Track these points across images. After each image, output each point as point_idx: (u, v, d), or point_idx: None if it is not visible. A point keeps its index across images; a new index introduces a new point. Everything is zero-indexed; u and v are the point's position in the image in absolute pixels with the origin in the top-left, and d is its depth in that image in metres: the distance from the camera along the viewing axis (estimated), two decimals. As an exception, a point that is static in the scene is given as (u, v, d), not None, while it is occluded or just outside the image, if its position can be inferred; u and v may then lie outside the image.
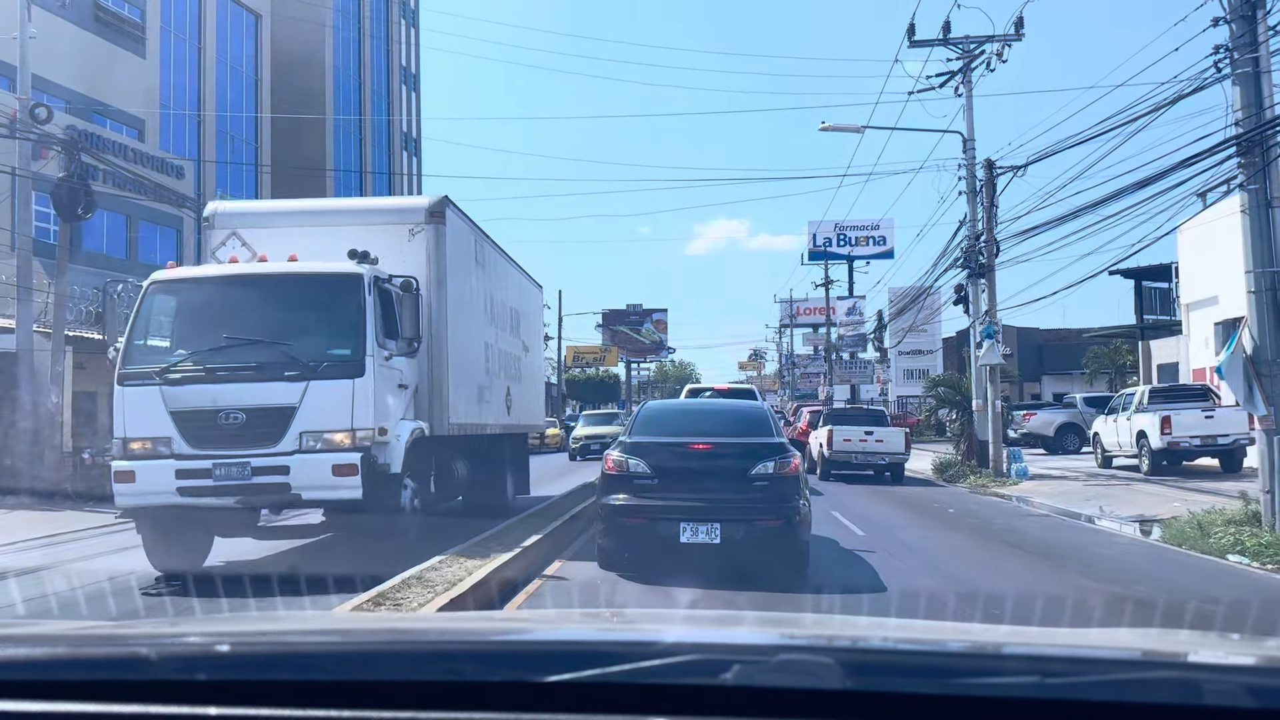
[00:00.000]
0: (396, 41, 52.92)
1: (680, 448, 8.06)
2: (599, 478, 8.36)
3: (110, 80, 29.93)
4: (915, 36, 18.90)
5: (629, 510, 7.71)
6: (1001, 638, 2.17)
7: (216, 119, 38.46)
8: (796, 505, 7.64)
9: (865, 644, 1.77)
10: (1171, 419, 16.98)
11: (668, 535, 7.55)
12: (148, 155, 28.97)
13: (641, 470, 7.80)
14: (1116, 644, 1.91)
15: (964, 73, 18.68)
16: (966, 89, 18.78)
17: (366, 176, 48.42)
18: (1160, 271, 29.58)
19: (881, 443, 19.44)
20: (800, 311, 62.49)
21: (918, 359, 51.62)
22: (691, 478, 7.81)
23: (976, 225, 18.44)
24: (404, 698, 1.35)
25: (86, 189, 15.86)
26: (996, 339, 17.97)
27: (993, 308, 18.37)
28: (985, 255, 18.09)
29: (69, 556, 10.22)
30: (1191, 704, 1.28)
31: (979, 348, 18.43)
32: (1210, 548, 9.13)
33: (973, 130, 18.78)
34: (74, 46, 28.47)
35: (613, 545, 7.99)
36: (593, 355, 73.44)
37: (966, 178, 18.58)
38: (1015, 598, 6.71)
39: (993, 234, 18.05)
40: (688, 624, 2.45)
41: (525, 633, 1.98)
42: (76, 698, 1.38)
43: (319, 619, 3.01)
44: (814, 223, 57.77)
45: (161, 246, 30.57)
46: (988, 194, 18.03)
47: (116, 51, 30.87)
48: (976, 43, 18.51)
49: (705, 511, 7.53)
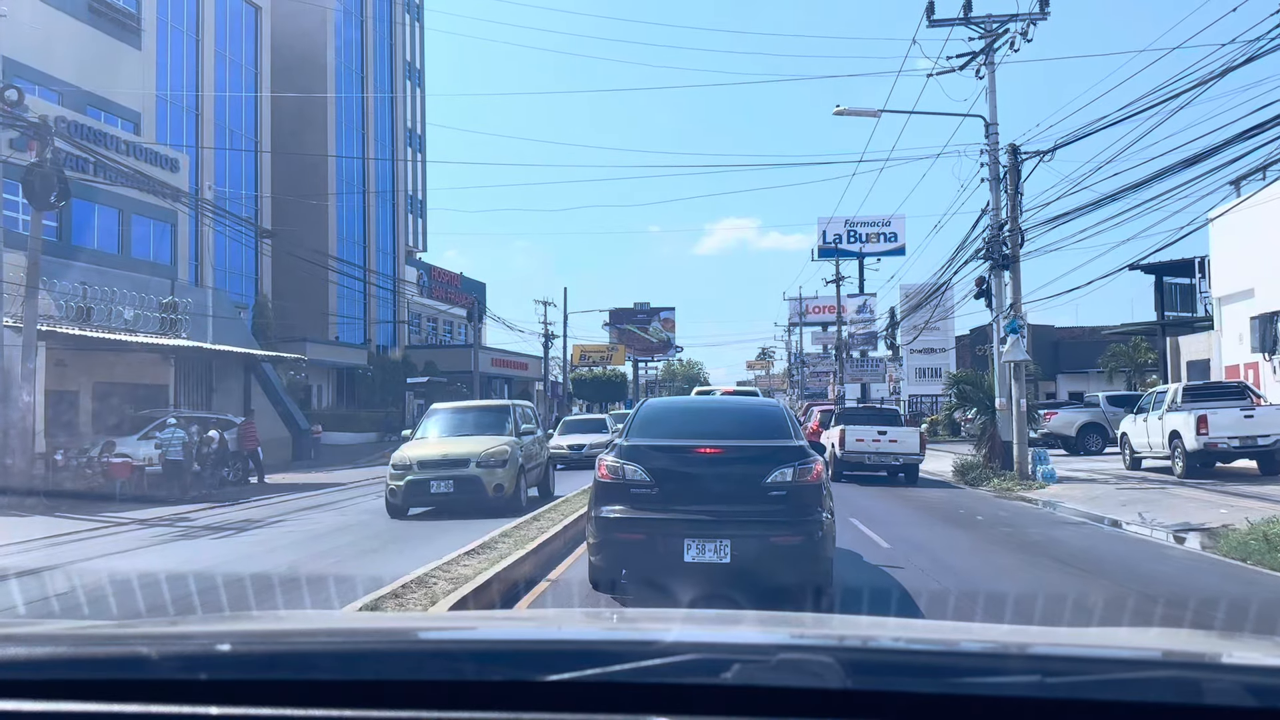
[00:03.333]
0: (400, 36, 52.13)
1: (684, 452, 6.94)
2: (591, 486, 7.25)
3: (105, 73, 29.19)
4: (935, 16, 17.95)
5: (625, 524, 6.64)
6: (1002, 637, 2.12)
7: (215, 112, 37.75)
8: (819, 519, 6.57)
9: (865, 643, 1.76)
10: (1208, 418, 16.03)
11: (669, 553, 6.46)
12: (140, 147, 28.19)
13: (640, 478, 6.70)
14: (1117, 643, 1.89)
15: (986, 53, 17.70)
16: (988, 70, 17.80)
17: (369, 169, 47.63)
18: (1183, 267, 28.58)
19: (896, 443, 18.78)
20: (810, 309, 61.57)
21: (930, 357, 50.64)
22: (697, 486, 6.72)
23: (1000, 214, 17.47)
24: (404, 697, 1.34)
25: (60, 175, 15.00)
26: (1021, 334, 17.00)
27: (1017, 301, 17.39)
28: (1009, 245, 17.11)
29: (24, 564, 9.38)
30: (1192, 703, 1.27)
31: (1002, 343, 17.47)
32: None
33: (995, 114, 17.80)
34: (67, 38, 27.80)
35: (606, 564, 6.92)
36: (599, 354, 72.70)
37: (989, 164, 17.60)
38: None
39: (1017, 223, 17.08)
40: (688, 623, 2.40)
41: (525, 632, 1.97)
42: (77, 697, 1.38)
43: (320, 618, 2.91)
44: (824, 219, 56.90)
45: (155, 242, 29.79)
46: (1012, 181, 17.05)
47: (111, 43, 30.14)
48: (999, 21, 17.55)
49: (713, 526, 6.48)
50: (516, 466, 13.42)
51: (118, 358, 21.80)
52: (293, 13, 43.21)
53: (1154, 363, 37.06)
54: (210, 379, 26.24)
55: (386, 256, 49.47)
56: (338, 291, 42.80)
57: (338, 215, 44.81)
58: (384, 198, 49.61)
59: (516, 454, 13.58)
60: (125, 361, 21.96)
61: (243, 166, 39.75)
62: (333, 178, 44.14)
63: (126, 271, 25.62)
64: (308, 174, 41.71)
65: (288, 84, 40.98)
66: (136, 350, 21.39)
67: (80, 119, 25.50)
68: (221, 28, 38.69)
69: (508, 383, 56.44)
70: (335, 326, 43.16)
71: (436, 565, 7.62)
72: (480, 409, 15.76)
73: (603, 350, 72.91)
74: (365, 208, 47.75)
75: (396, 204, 50.74)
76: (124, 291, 22.59)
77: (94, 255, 25.83)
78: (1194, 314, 30.41)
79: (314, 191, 41.18)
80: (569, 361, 64.06)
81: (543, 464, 15.45)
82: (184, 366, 24.74)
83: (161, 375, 23.76)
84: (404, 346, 49.24)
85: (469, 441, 13.56)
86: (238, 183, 38.61)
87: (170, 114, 35.15)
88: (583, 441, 23.63)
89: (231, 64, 39.27)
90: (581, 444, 23.51)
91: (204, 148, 35.72)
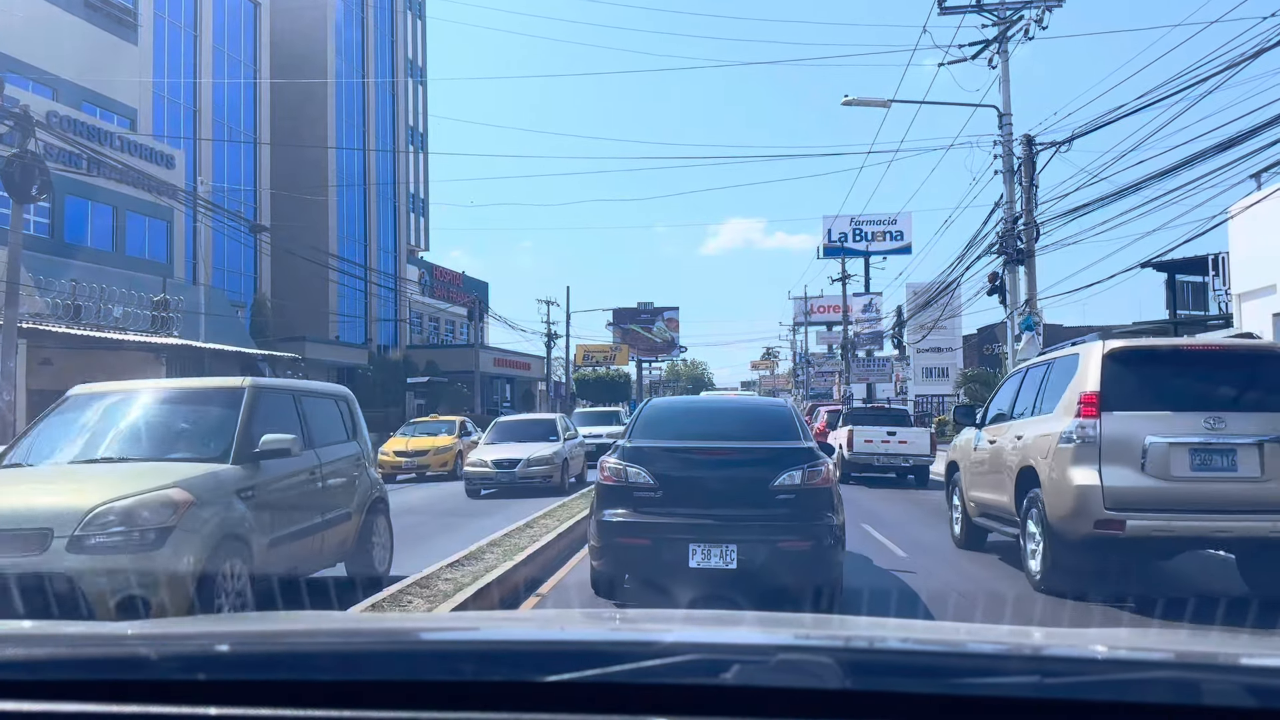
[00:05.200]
0: (402, 33, 51.66)
1: (690, 454, 6.71)
2: (594, 489, 7.08)
3: (101, 68, 28.70)
4: (946, 3, 17.40)
5: (628, 529, 6.43)
6: (1002, 637, 2.07)
7: (214, 109, 37.30)
8: (829, 523, 6.33)
9: (865, 644, 1.74)
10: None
11: (674, 559, 6.25)
12: (135, 143, 27.73)
13: (643, 480, 6.51)
14: (1116, 644, 1.79)
15: (999, 41, 17.14)
16: (1002, 59, 17.25)
17: (370, 165, 47.16)
18: (1196, 264, 27.97)
19: (905, 444, 18.29)
20: (815, 309, 61.02)
21: (937, 357, 50.02)
22: (703, 490, 6.49)
23: (1014, 207, 16.89)
24: (404, 698, 1.34)
25: (42, 167, 14.50)
26: (1037, 331, 16.43)
27: (1032, 297, 16.81)
28: (1024, 240, 16.54)
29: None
30: (1191, 703, 1.27)
31: (1017, 341, 16.91)
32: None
33: (1009, 104, 17.24)
34: (61, 33, 27.36)
35: (609, 569, 6.71)
36: (603, 354, 72.27)
37: (1003, 155, 17.03)
38: None
39: (1032, 216, 16.50)
40: (688, 624, 2.42)
41: (525, 632, 1.95)
42: (76, 698, 1.37)
43: (319, 619, 2.86)
44: (829, 217, 56.42)
45: (151, 239, 29.33)
46: (1026, 172, 16.48)
47: (107, 38, 29.64)
48: (1014, 8, 16.99)
49: (719, 530, 6.26)
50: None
51: (107, 356, 21.32)
52: (292, 10, 42.77)
53: (1166, 362, 36.37)
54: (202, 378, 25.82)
55: (388, 255, 49.01)
56: (338, 291, 42.35)
57: (338, 214, 44.35)
58: (385, 196, 49.13)
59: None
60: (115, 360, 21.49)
61: (242, 164, 39.29)
62: (333, 175, 43.66)
63: (121, 269, 25.18)
64: (308, 172, 41.24)
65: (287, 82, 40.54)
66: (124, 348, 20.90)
67: (73, 114, 25.05)
68: (220, 24, 38.26)
69: (510, 383, 55.94)
70: (336, 326, 42.70)
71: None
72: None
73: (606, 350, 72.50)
74: (366, 206, 47.30)
75: (398, 202, 50.28)
76: (116, 289, 22.12)
77: (88, 253, 25.39)
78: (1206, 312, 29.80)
79: (314, 190, 40.69)
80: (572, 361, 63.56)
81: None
82: (176, 366, 24.26)
83: (153, 374, 23.29)
84: (405, 346, 48.77)
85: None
86: (237, 181, 38.16)
87: (168, 110, 34.72)
88: (518, 455, 16.21)
89: (230, 61, 38.81)
90: (516, 458, 16.15)
91: (202, 139, 35.26)
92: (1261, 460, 6.64)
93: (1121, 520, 6.65)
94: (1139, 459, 6.73)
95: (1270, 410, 6.78)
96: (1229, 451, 6.69)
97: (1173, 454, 6.69)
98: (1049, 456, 7.18)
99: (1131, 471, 6.73)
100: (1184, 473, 6.69)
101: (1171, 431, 6.74)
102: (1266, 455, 6.62)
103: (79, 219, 26.55)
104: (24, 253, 23.24)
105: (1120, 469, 6.74)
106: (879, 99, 17.54)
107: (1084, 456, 6.84)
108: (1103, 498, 6.70)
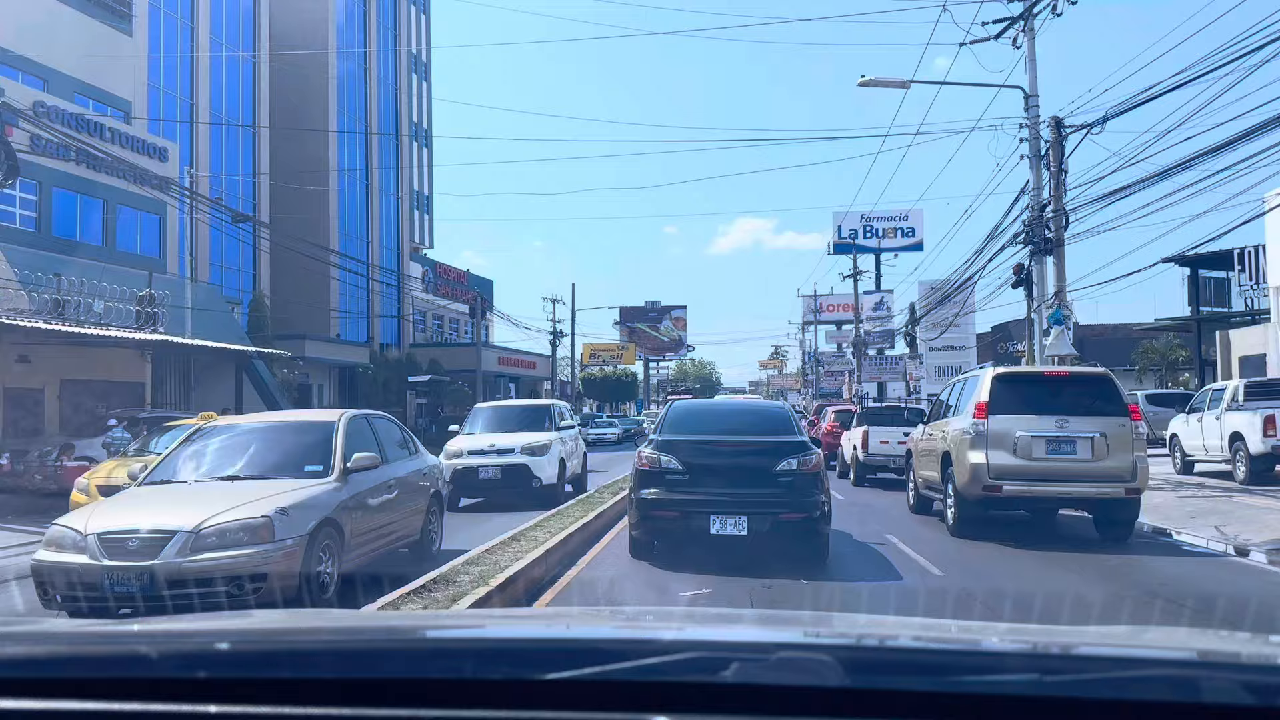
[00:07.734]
0: (405, 27, 50.82)
1: (709, 445, 8.58)
2: (632, 474, 8.81)
3: (93, 59, 27.89)
4: (968, -22, 16.43)
5: (662, 504, 8.26)
6: (1001, 635, 2.07)
7: (211, 102, 36.52)
8: (818, 500, 8.21)
9: (864, 641, 1.74)
10: (1277, 418, 14.44)
11: (698, 527, 8.09)
12: (126, 135, 26.93)
13: (673, 466, 8.36)
14: (1115, 641, 1.85)
15: (1025, 18, 16.15)
16: (1027, 38, 16.27)
17: (372, 160, 46.32)
18: (1219, 259, 26.91)
19: (924, 445, 17.29)
20: (825, 307, 60.00)
21: (950, 355, 48.91)
22: (720, 473, 8.30)
23: (1041, 193, 15.91)
24: (404, 695, 1.34)
25: (9, 152, 13.67)
26: (1067, 325, 15.45)
27: (1062, 289, 15.82)
28: (1052, 228, 15.55)
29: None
30: (1190, 701, 1.25)
31: (1045, 335, 15.93)
32: None
33: (1035, 84, 16.25)
34: (51, 22, 26.57)
35: (645, 536, 8.53)
36: (610, 353, 71.44)
37: (1029, 139, 16.04)
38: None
39: (1061, 203, 15.51)
40: (688, 621, 2.38)
41: (525, 630, 1.97)
42: (76, 696, 1.37)
43: (319, 616, 2.81)
44: (839, 213, 55.32)
45: (144, 234, 28.51)
46: (1055, 157, 15.49)
47: (101, 29, 28.83)
48: (1040, -18, 16.00)
49: (733, 505, 8.08)
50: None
51: (89, 353, 20.45)
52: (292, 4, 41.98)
53: (1186, 360, 35.40)
54: (190, 376, 24.83)
55: (390, 253, 48.17)
56: (339, 288, 41.49)
57: (339, 210, 43.53)
58: (388, 192, 48.30)
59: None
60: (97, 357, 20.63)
61: (240, 158, 38.50)
62: (334, 170, 42.82)
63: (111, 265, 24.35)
64: (308, 167, 40.37)
65: (287, 75, 39.73)
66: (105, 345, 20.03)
67: (61, 104, 24.26)
68: (218, 16, 37.50)
69: (514, 382, 55.08)
70: (337, 324, 41.86)
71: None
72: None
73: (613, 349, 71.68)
74: (368, 203, 46.48)
75: (401, 198, 49.45)
76: (102, 284, 21.28)
77: (76, 247, 24.56)
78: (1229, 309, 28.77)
79: (315, 186, 39.86)
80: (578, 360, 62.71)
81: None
82: (164, 363, 23.39)
83: (137, 372, 22.44)
84: (408, 344, 47.94)
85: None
86: (234, 175, 37.35)
87: (164, 103, 33.92)
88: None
89: (228, 54, 38.01)
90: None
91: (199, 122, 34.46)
92: (1093, 447, 9.84)
93: (1000, 486, 9.92)
94: (1013, 445, 9.94)
95: (1099, 415, 9.91)
96: (1071, 441, 9.88)
97: (1034, 443, 9.93)
98: (957, 445, 10.43)
99: (1007, 454, 9.94)
100: (1041, 455, 9.91)
101: (1033, 428, 9.96)
102: (1095, 444, 9.80)
103: (67, 212, 25.76)
104: (10, 247, 22.48)
105: (1000, 452, 9.96)
106: (897, 80, 16.56)
107: (977, 444, 10.09)
108: (988, 471, 9.96)
